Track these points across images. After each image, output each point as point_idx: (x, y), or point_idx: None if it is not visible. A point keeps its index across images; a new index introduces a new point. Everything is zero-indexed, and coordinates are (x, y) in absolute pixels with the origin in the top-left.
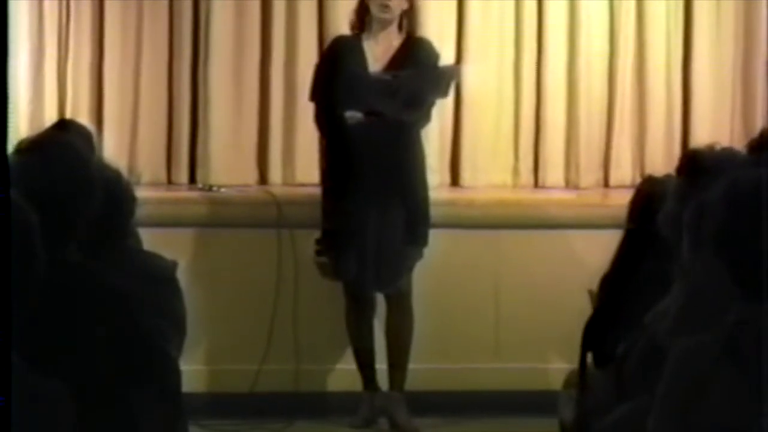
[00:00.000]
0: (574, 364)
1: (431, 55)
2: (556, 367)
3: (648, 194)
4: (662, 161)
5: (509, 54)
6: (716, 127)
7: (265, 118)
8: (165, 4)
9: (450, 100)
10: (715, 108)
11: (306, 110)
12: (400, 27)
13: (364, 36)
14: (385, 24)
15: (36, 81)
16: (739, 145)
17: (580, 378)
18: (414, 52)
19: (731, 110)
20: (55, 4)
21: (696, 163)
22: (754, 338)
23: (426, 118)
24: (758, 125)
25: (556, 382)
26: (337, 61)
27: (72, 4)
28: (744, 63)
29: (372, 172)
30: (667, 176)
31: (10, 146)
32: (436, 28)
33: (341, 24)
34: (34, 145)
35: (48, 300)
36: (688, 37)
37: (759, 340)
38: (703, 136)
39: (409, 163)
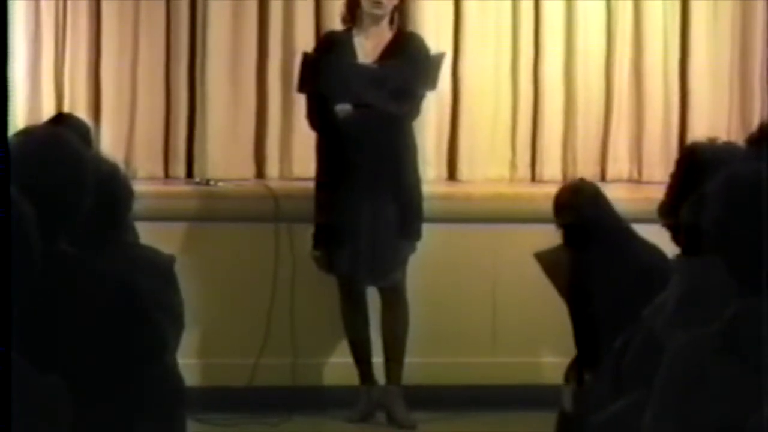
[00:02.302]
0: (571, 359)
1: (421, 49)
2: (553, 361)
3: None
4: (659, 156)
5: (506, 48)
6: (713, 123)
7: (262, 113)
8: None
9: (447, 94)
10: (713, 103)
11: (302, 104)
12: (391, 22)
13: (355, 31)
14: (376, 19)
15: (33, 76)
16: (737, 137)
17: (578, 372)
18: (404, 46)
19: (728, 106)
20: (52, 2)
21: (695, 157)
22: (752, 331)
23: (416, 110)
24: (755, 120)
25: (552, 377)
26: (328, 56)
27: (69, 2)
28: (741, 59)
29: (363, 164)
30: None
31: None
32: (433, 22)
33: (338, 17)
34: (29, 138)
35: (42, 291)
36: (685, 32)
37: (757, 334)
38: (700, 130)
39: (401, 155)
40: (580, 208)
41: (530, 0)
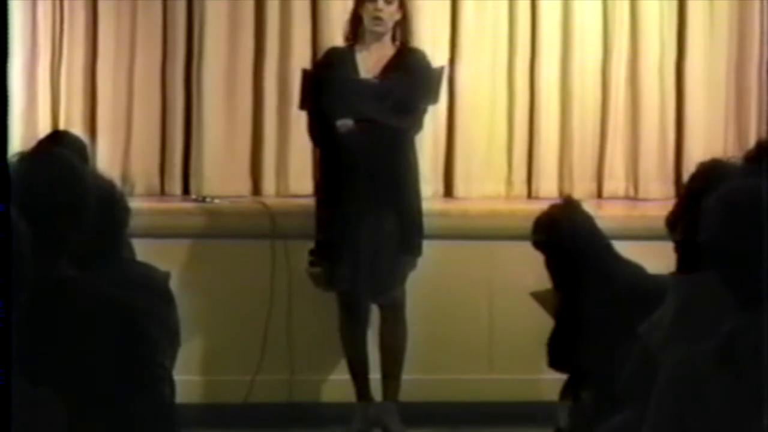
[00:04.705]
0: (567, 376)
1: (423, 63)
2: (550, 377)
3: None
4: (655, 173)
5: (502, 64)
6: (710, 136)
7: (259, 130)
8: (158, 13)
9: (443, 110)
10: (709, 116)
11: (299, 121)
12: (393, 38)
13: (358, 47)
14: (378, 36)
15: (29, 89)
16: (733, 152)
17: (574, 388)
18: (406, 61)
19: (725, 118)
20: (49, 12)
21: (696, 174)
22: (748, 347)
23: (418, 124)
24: (752, 132)
25: (549, 393)
26: (329, 71)
27: (65, 13)
28: (737, 69)
29: (365, 180)
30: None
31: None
32: (429, 38)
33: (335, 36)
34: (27, 159)
35: (40, 310)
36: (681, 45)
37: (754, 349)
38: (696, 143)
39: (402, 170)
40: (557, 226)
41: (527, 17)
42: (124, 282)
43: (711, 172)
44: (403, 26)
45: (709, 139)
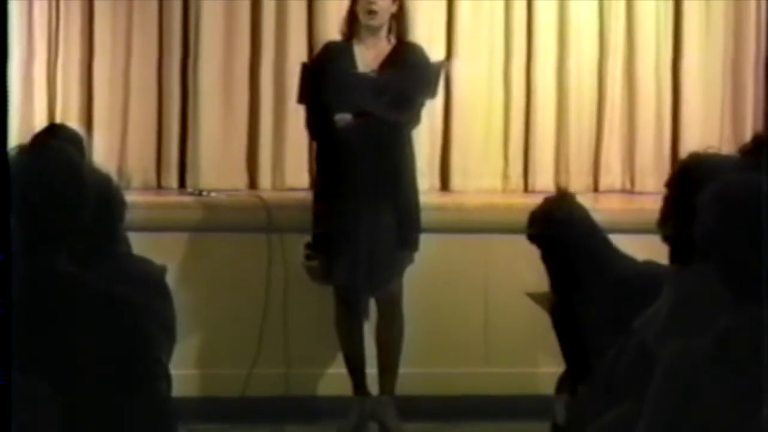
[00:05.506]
0: (563, 369)
1: (421, 57)
2: (546, 371)
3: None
4: (652, 166)
5: (499, 59)
6: (706, 130)
7: (255, 123)
8: (154, 8)
9: (440, 104)
10: (705, 111)
11: (295, 115)
12: (390, 31)
13: (355, 42)
14: (373, 30)
15: (26, 84)
16: (729, 147)
17: (570, 382)
18: (404, 56)
19: (721, 112)
20: (45, 8)
21: (689, 168)
22: (744, 342)
23: (416, 119)
24: (748, 127)
25: (545, 387)
26: (327, 65)
27: (62, 8)
28: (734, 65)
29: (362, 174)
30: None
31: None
32: (426, 32)
33: (330, 29)
34: (24, 152)
35: (40, 308)
36: (677, 40)
37: (751, 343)
38: (692, 140)
39: (400, 165)
40: (552, 219)
41: (523, 12)
42: (120, 276)
43: (694, 167)
44: (399, 18)
45: (705, 133)
